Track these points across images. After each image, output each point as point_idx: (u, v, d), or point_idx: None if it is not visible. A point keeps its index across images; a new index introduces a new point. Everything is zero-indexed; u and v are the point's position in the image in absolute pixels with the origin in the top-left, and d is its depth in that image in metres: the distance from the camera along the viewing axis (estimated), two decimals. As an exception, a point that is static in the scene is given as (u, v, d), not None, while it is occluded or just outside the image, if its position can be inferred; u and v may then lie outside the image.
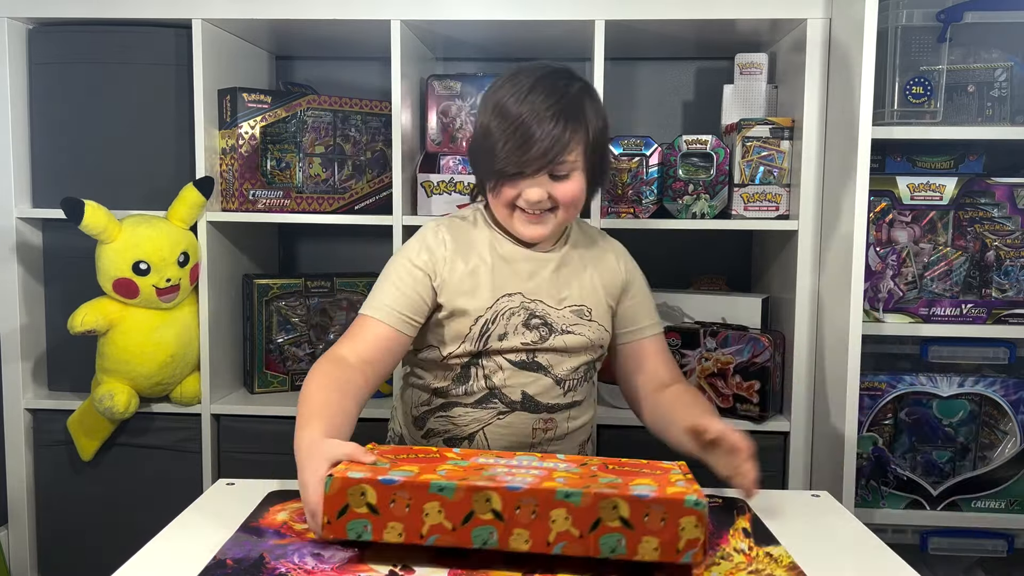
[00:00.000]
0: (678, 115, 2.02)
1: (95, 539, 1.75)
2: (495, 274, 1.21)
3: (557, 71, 1.18)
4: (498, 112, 1.15)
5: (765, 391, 1.62)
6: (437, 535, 0.83)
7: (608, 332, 1.27)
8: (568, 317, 1.22)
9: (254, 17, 1.64)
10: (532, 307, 1.21)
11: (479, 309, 1.19)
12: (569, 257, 1.26)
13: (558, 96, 1.14)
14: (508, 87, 1.16)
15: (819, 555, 0.91)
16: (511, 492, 0.83)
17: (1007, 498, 1.57)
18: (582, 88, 1.18)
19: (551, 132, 1.12)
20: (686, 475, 0.94)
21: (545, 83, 1.14)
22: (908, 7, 1.50)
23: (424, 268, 1.21)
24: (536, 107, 1.13)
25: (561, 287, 1.23)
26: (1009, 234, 1.55)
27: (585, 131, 1.16)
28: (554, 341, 1.21)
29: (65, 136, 1.71)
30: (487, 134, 1.16)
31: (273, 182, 1.72)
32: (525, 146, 1.12)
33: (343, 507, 0.84)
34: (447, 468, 0.91)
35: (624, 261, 1.31)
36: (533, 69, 1.17)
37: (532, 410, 1.23)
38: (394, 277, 1.22)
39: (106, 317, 1.61)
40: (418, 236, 1.26)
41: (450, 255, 1.22)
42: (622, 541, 0.82)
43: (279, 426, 1.71)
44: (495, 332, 1.20)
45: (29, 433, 1.76)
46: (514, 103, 1.13)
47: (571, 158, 1.15)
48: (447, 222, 1.27)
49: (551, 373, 1.23)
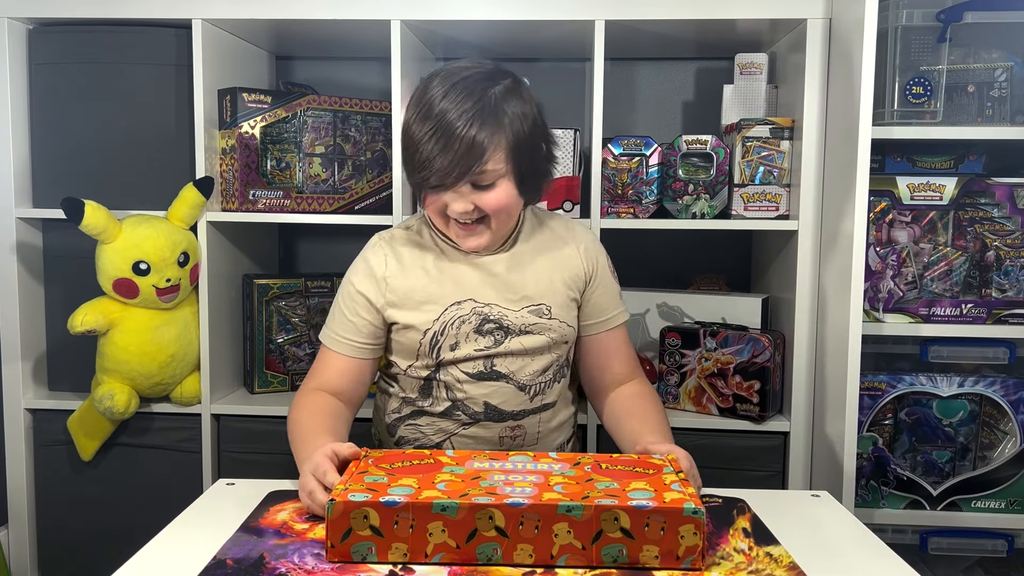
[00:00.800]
0: (678, 115, 2.02)
1: (95, 539, 1.75)
2: (441, 284, 1.20)
3: (481, 72, 1.11)
4: (418, 114, 1.09)
5: (765, 391, 1.62)
6: (442, 553, 0.85)
7: (572, 327, 1.24)
8: (526, 317, 1.19)
9: (254, 17, 1.64)
10: (485, 312, 1.18)
11: (426, 322, 1.18)
12: (521, 255, 1.23)
13: (475, 99, 1.07)
14: (431, 87, 1.09)
15: (819, 555, 0.91)
16: (513, 508, 0.84)
17: (1007, 498, 1.57)
18: (506, 88, 1.11)
19: (464, 142, 1.05)
20: (678, 473, 0.96)
21: (464, 86, 1.08)
22: (908, 7, 1.50)
23: (367, 293, 1.20)
24: (450, 114, 1.06)
25: (516, 287, 1.20)
26: (1009, 234, 1.55)
27: (505, 135, 1.09)
28: (510, 344, 1.19)
29: (65, 136, 1.71)
30: (407, 137, 1.11)
31: (273, 182, 1.72)
32: (440, 157, 1.06)
33: (347, 531, 0.86)
34: (445, 479, 0.92)
35: (585, 250, 1.26)
36: (457, 70, 1.11)
37: (497, 419, 1.21)
38: (343, 303, 1.23)
39: (106, 317, 1.61)
40: (361, 257, 1.24)
41: (392, 273, 1.20)
42: (624, 551, 0.85)
43: (279, 426, 1.69)
44: (445, 343, 1.18)
45: (29, 433, 1.76)
46: (432, 106, 1.07)
47: (491, 166, 1.09)
48: (389, 236, 1.25)
49: (513, 380, 1.20)
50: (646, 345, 1.81)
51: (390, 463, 0.97)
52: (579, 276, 1.25)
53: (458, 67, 1.11)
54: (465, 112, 1.06)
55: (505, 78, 1.13)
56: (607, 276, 1.28)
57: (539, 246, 1.24)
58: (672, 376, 1.71)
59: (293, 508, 1.02)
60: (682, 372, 1.70)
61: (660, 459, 1.01)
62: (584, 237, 1.28)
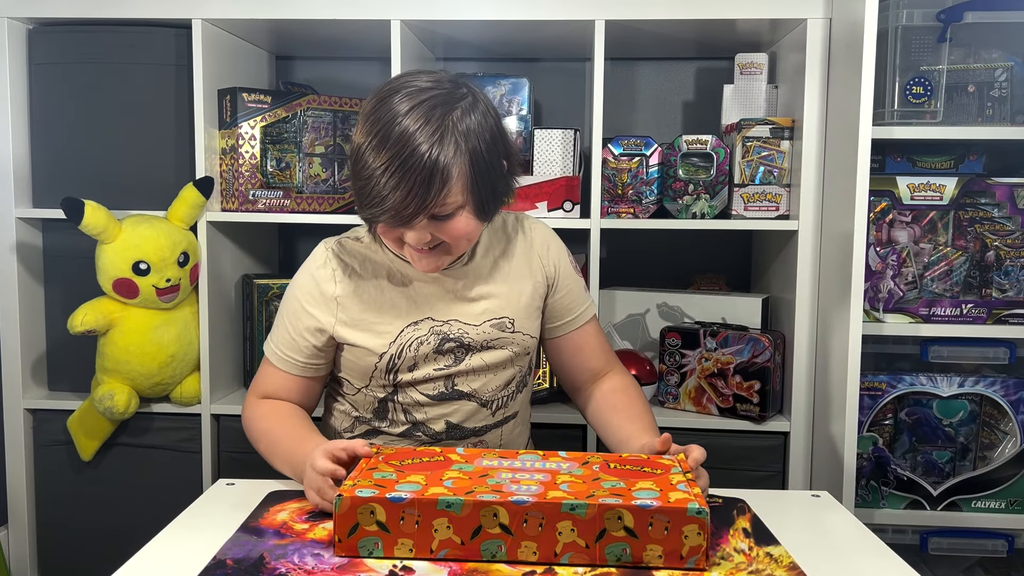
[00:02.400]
0: (678, 115, 2.02)
1: (95, 539, 1.75)
2: (395, 304, 1.13)
3: (439, 93, 1.01)
4: (372, 139, 0.99)
5: (765, 391, 1.62)
6: (447, 549, 0.86)
7: (535, 338, 1.19)
8: (488, 332, 1.14)
9: (254, 17, 1.64)
10: (444, 330, 1.13)
11: (381, 345, 1.12)
12: (480, 268, 1.16)
13: (432, 128, 0.98)
14: (386, 108, 1.00)
15: (819, 555, 0.91)
16: (517, 506, 0.85)
17: (1007, 498, 1.57)
18: (463, 111, 1.01)
19: (421, 176, 0.97)
20: (685, 474, 0.95)
21: (422, 111, 0.98)
22: (908, 7, 1.50)
23: (315, 313, 1.12)
24: (407, 146, 0.97)
25: (476, 302, 1.14)
26: (1009, 234, 1.55)
27: (464, 164, 1.00)
28: (471, 361, 1.14)
29: (65, 136, 1.71)
30: (359, 164, 1.01)
31: (273, 182, 1.72)
32: (393, 192, 0.97)
33: (353, 526, 0.86)
34: (453, 476, 0.92)
35: (544, 252, 1.20)
36: (414, 93, 1.00)
37: (459, 437, 1.18)
38: (288, 318, 1.15)
39: (106, 317, 1.61)
40: (307, 269, 1.15)
41: (343, 292, 1.12)
42: (627, 550, 0.85)
43: (279, 426, 1.71)
44: (403, 365, 1.13)
45: (29, 433, 1.76)
46: (389, 133, 0.98)
47: (451, 200, 1.00)
48: (338, 248, 1.16)
49: (475, 398, 1.16)
50: (646, 345, 1.81)
51: (400, 460, 0.98)
52: (541, 283, 1.19)
53: (415, 88, 1.01)
54: (422, 144, 0.97)
55: (464, 97, 1.03)
56: (570, 275, 1.22)
57: (499, 257, 1.18)
58: (672, 376, 1.71)
59: (293, 508, 1.02)
60: (682, 372, 1.70)
61: (670, 459, 1.01)
62: (542, 235, 1.22)
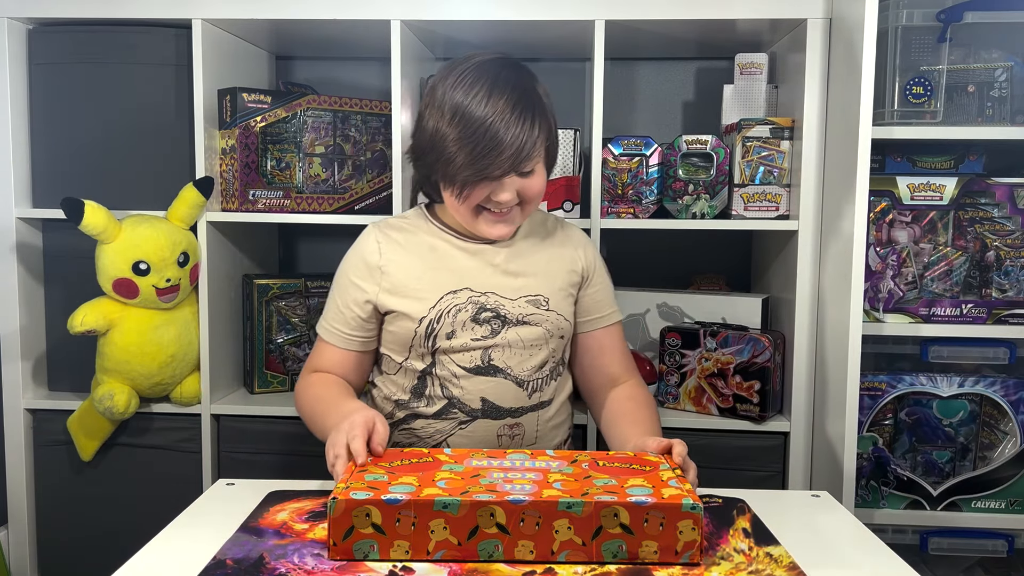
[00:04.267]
0: (678, 115, 2.02)
1: (95, 539, 1.75)
2: (437, 272, 1.21)
3: (504, 65, 1.15)
4: (458, 119, 1.10)
5: (765, 391, 1.62)
6: (444, 550, 0.86)
7: (569, 322, 1.25)
8: (523, 307, 1.21)
9: (254, 17, 1.64)
10: (482, 300, 1.20)
11: (422, 310, 1.19)
12: (521, 247, 1.25)
13: (519, 94, 1.11)
14: (463, 90, 1.11)
15: (819, 555, 0.91)
16: (514, 505, 0.85)
17: (1007, 498, 1.57)
18: (530, 76, 1.17)
19: (519, 135, 1.10)
20: (674, 470, 0.96)
21: (501, 82, 1.11)
22: (908, 7, 1.50)
23: (360, 283, 1.22)
24: (500, 110, 1.09)
25: (514, 276, 1.22)
26: (1009, 234, 1.55)
27: (546, 124, 1.16)
28: (507, 334, 1.20)
29: (65, 136, 1.71)
30: (444, 141, 1.12)
31: (273, 182, 1.72)
32: (494, 152, 1.10)
33: (349, 529, 0.86)
34: (445, 477, 0.92)
35: (585, 249, 1.30)
36: (482, 68, 1.13)
37: (494, 416, 1.21)
38: (337, 292, 1.25)
39: (106, 317, 1.61)
40: (354, 246, 1.27)
41: (386, 260, 1.22)
42: (623, 546, 0.86)
43: (279, 426, 1.71)
44: (442, 331, 1.19)
45: (29, 433, 1.76)
46: (476, 108, 1.10)
47: (535, 155, 1.15)
48: (384, 224, 1.27)
49: (511, 375, 1.21)
50: (646, 345, 1.81)
51: (389, 461, 0.98)
52: (577, 272, 1.27)
53: (481, 65, 1.14)
54: (515, 106, 1.10)
55: (524, 68, 1.18)
56: (603, 276, 1.32)
57: (540, 240, 1.27)
58: (672, 376, 1.71)
59: (293, 508, 1.02)
60: (682, 372, 1.70)
61: (656, 456, 1.02)
62: (582, 239, 1.32)
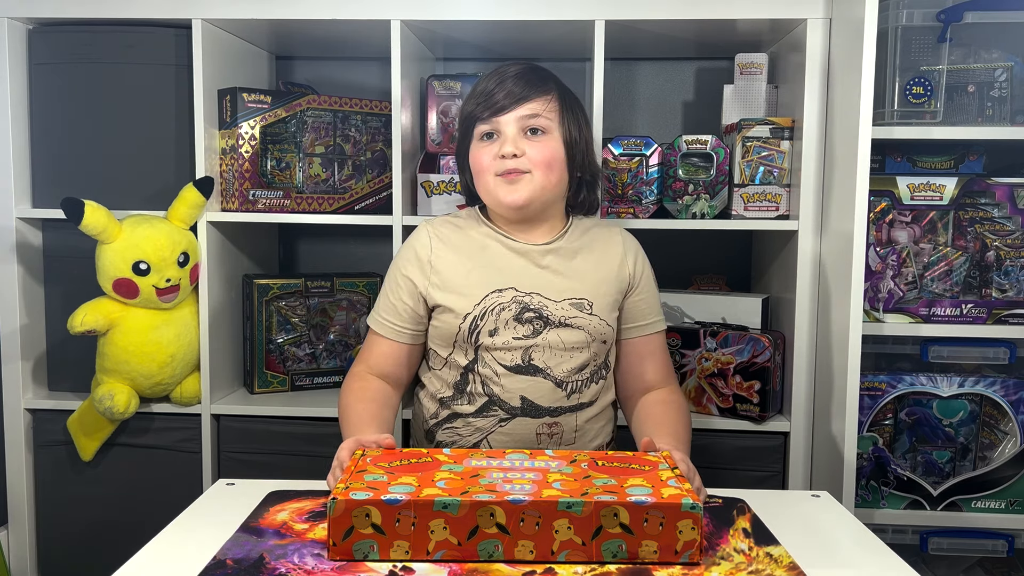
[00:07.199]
0: (678, 115, 2.01)
1: (95, 539, 1.75)
2: (484, 270, 1.23)
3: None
4: (473, 91, 1.25)
5: (765, 391, 1.62)
6: (443, 551, 0.86)
7: (611, 327, 1.26)
8: (567, 310, 1.22)
9: (254, 17, 1.64)
10: (526, 300, 1.21)
11: (467, 306, 1.21)
12: (568, 250, 1.27)
13: (531, 65, 1.25)
14: (482, 78, 1.26)
15: (819, 555, 0.91)
16: (514, 505, 0.85)
17: (1007, 498, 1.57)
18: (556, 77, 1.28)
19: (524, 77, 1.21)
20: (673, 469, 0.96)
21: (519, 63, 1.26)
22: (908, 7, 1.50)
23: (411, 276, 1.25)
24: (507, 69, 1.23)
25: (559, 278, 1.24)
26: (1009, 234, 1.55)
27: (557, 92, 1.23)
28: (548, 336, 1.21)
29: (65, 136, 1.71)
30: (463, 109, 1.27)
31: (273, 182, 1.72)
32: (499, 87, 1.20)
33: (348, 529, 0.86)
34: (444, 477, 0.92)
35: (634, 255, 1.31)
36: (502, 64, 1.27)
37: (533, 415, 1.23)
38: (389, 286, 1.28)
39: (106, 317, 1.61)
40: (408, 240, 1.31)
41: (436, 255, 1.24)
42: (623, 546, 0.86)
43: (279, 426, 1.71)
44: (485, 328, 1.21)
45: (29, 433, 1.76)
46: (487, 78, 1.24)
47: (543, 110, 1.20)
48: (437, 222, 1.31)
49: (550, 375, 1.22)
50: (646, 345, 1.81)
51: (388, 462, 0.98)
52: (624, 279, 1.29)
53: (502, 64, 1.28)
54: (522, 67, 1.24)
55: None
56: (650, 285, 1.33)
57: (589, 245, 1.29)
58: (672, 376, 1.71)
59: (293, 508, 1.02)
60: (682, 372, 1.70)
61: (655, 455, 1.02)
62: (633, 244, 1.33)
